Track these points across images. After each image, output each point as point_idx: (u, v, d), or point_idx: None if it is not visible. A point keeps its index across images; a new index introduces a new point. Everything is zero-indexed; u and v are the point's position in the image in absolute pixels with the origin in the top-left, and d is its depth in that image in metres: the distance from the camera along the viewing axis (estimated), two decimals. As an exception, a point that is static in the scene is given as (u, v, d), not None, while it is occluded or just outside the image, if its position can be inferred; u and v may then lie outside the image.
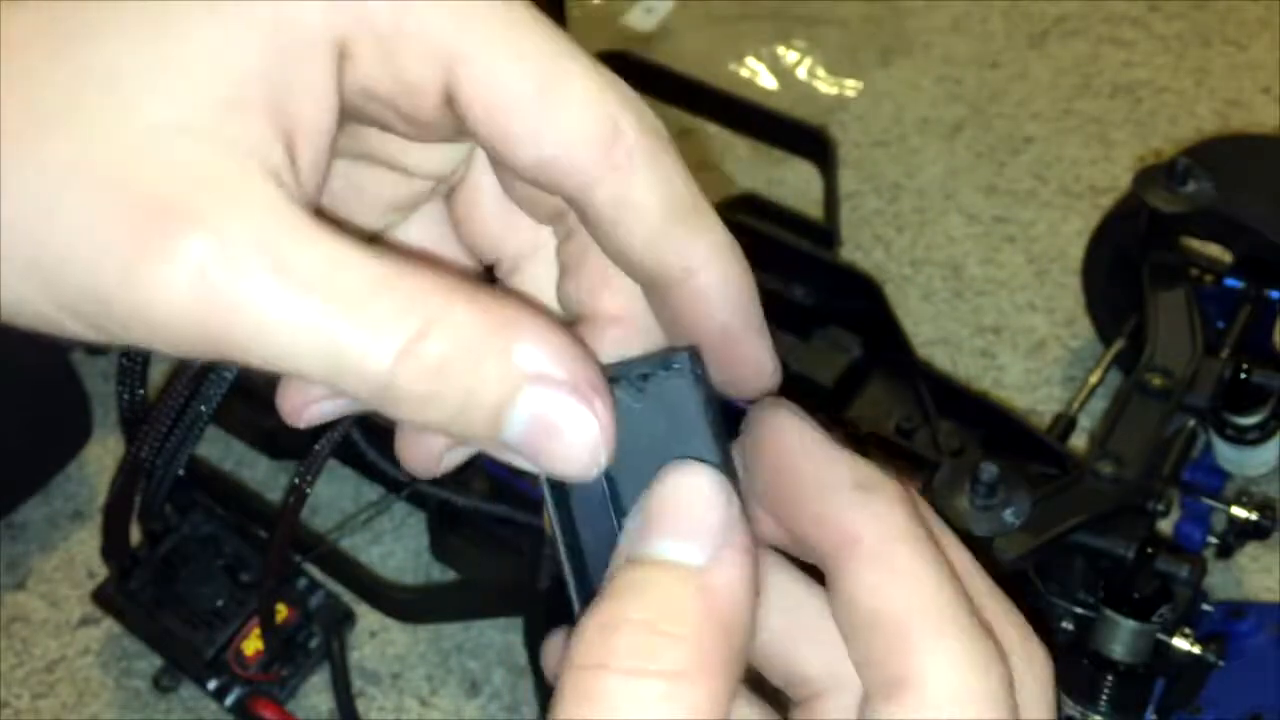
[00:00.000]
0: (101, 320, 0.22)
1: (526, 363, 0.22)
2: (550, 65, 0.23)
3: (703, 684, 0.22)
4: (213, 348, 0.22)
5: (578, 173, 0.24)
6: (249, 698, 0.83)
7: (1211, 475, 0.88)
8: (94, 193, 0.21)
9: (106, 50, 0.21)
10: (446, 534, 0.88)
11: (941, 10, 1.34)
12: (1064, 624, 0.69)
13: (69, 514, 0.98)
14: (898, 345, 0.87)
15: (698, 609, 0.22)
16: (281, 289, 0.21)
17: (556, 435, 0.22)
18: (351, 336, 0.21)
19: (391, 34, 0.22)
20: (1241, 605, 0.76)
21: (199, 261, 0.21)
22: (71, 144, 0.21)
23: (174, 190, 0.21)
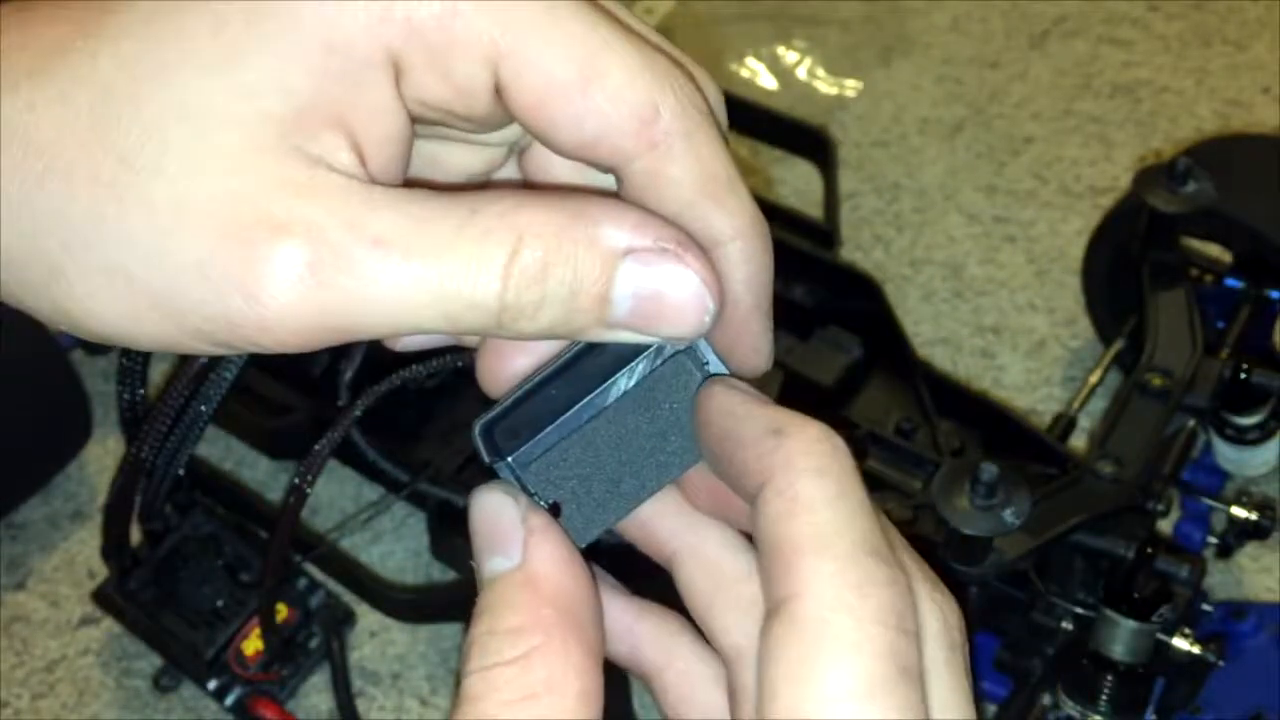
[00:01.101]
0: (231, 338, 0.23)
1: (614, 240, 0.24)
2: (590, 53, 0.24)
3: (553, 655, 0.24)
4: (337, 334, 0.23)
5: (617, 152, 0.25)
6: (249, 697, 0.83)
7: (1211, 475, 0.88)
8: (196, 227, 0.22)
9: (180, 89, 0.23)
10: (446, 534, 0.87)
11: (941, 10, 1.34)
12: (1064, 624, 0.69)
13: (69, 514, 0.98)
14: (898, 345, 0.87)
15: (526, 599, 0.25)
16: (381, 259, 0.23)
17: (662, 298, 0.24)
18: (457, 276, 0.23)
19: (440, 44, 0.24)
20: (1241, 605, 0.76)
21: (301, 262, 0.23)
22: (168, 184, 0.23)
23: (262, 207, 0.23)
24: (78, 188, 0.23)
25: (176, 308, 0.23)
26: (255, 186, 0.23)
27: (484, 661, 0.24)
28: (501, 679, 0.24)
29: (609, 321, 0.24)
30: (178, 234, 0.23)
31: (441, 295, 0.23)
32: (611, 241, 0.24)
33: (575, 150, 0.25)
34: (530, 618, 0.25)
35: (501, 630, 0.25)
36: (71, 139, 0.23)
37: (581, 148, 0.25)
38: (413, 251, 0.23)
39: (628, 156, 0.25)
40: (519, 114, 0.25)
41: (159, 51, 0.23)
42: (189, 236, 0.23)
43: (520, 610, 0.25)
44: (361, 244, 0.23)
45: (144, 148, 0.23)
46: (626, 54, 0.25)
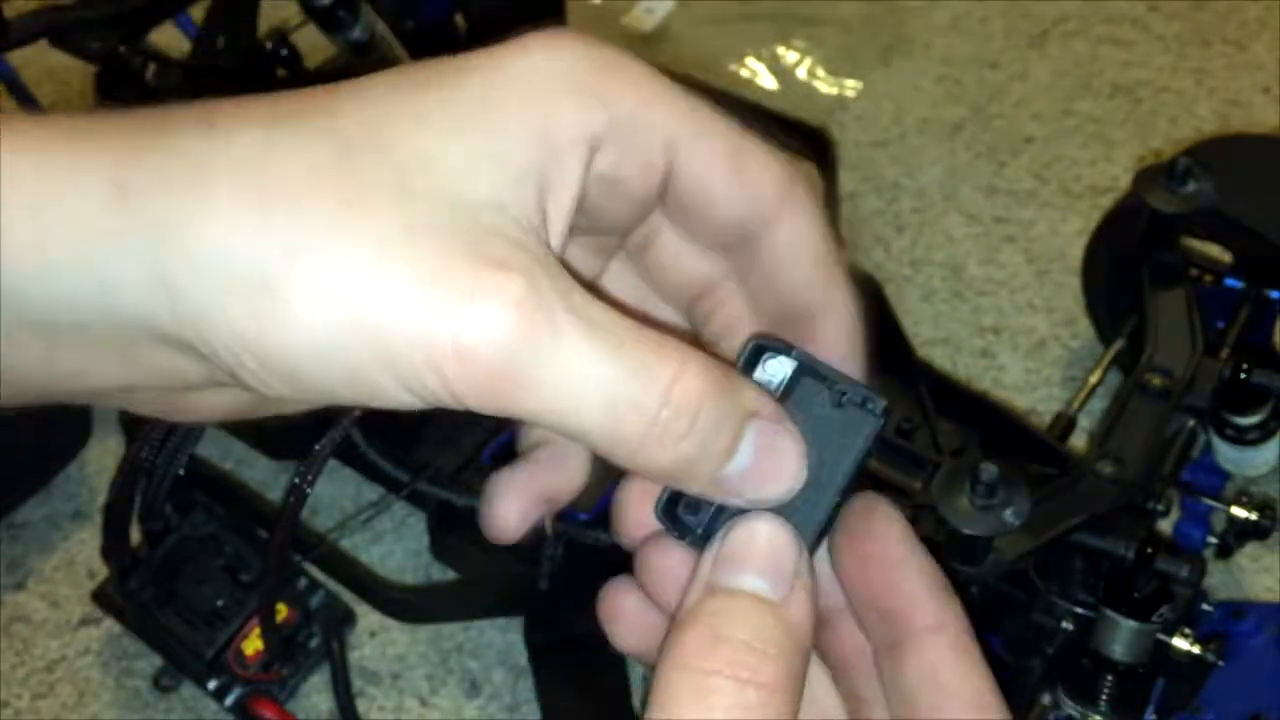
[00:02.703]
0: (421, 373, 0.24)
1: (749, 403, 0.27)
2: (738, 140, 0.30)
3: (787, 697, 0.26)
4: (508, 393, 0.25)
5: (761, 220, 0.30)
6: (249, 697, 0.83)
7: (1211, 475, 0.88)
8: (423, 252, 0.24)
9: (423, 144, 0.25)
10: (446, 534, 0.87)
11: (941, 10, 1.34)
12: (1064, 624, 0.69)
13: (69, 514, 0.98)
14: (898, 345, 0.87)
15: (783, 636, 0.27)
16: (575, 324, 0.25)
17: (774, 462, 0.27)
18: (629, 374, 0.25)
19: (631, 131, 0.28)
20: (1241, 605, 0.76)
21: (517, 296, 0.24)
22: (402, 214, 0.24)
23: (489, 248, 0.25)
24: (306, 206, 0.24)
25: (381, 329, 0.24)
26: (480, 231, 0.25)
27: (740, 672, 0.26)
28: (746, 695, 0.26)
29: (727, 471, 0.27)
30: (404, 256, 0.24)
31: (612, 387, 0.25)
32: (750, 401, 0.27)
33: (727, 220, 0.30)
34: (786, 655, 0.27)
35: (758, 650, 0.27)
36: (308, 174, 0.25)
37: (734, 217, 0.30)
38: (597, 332, 0.25)
39: (769, 224, 0.30)
40: (685, 190, 0.29)
41: (397, 117, 0.26)
42: (415, 259, 0.24)
43: (776, 645, 0.27)
44: (564, 304, 0.25)
45: (382, 182, 0.25)
46: (759, 143, 0.30)
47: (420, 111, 0.26)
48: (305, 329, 0.24)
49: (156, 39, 1.01)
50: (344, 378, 0.25)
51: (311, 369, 0.25)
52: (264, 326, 0.24)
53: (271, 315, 0.24)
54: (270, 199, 0.24)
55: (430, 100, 0.26)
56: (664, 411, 0.25)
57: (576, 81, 0.27)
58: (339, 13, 0.98)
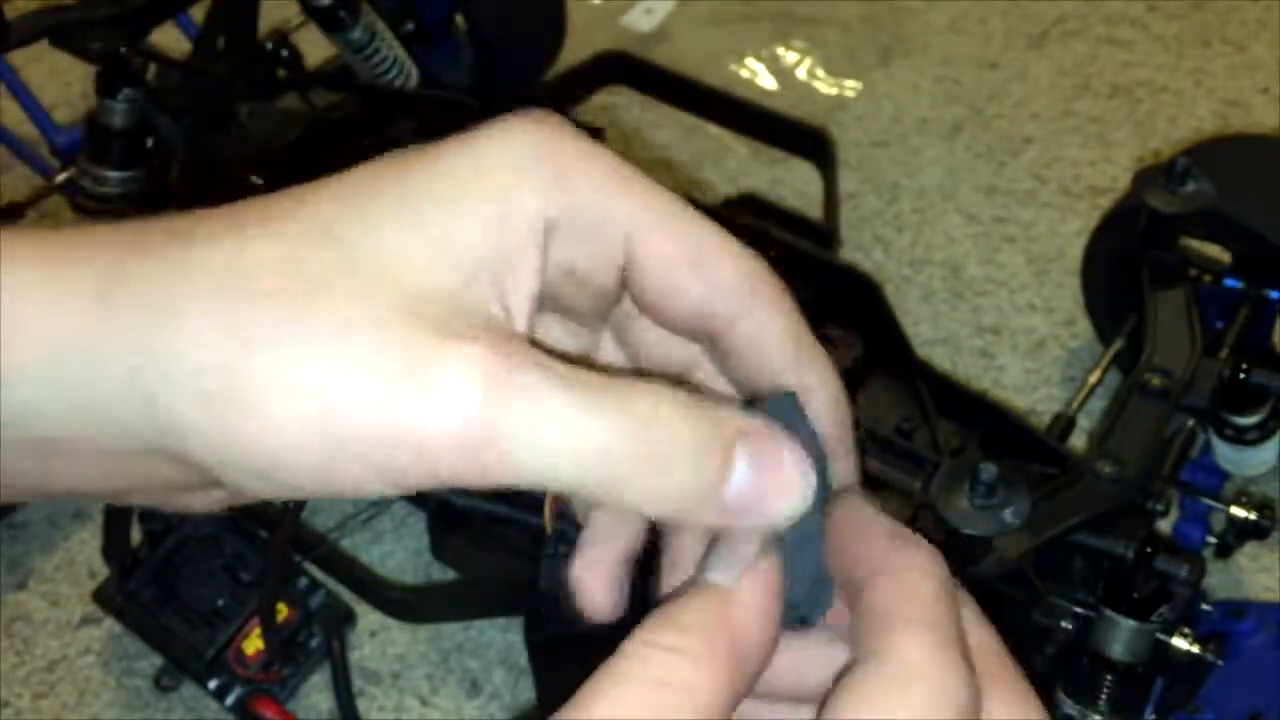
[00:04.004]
0: (391, 457, 0.25)
1: (736, 423, 0.27)
2: (698, 233, 0.29)
3: (703, 669, 0.26)
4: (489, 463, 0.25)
5: (725, 314, 0.30)
6: (250, 697, 0.83)
7: (1211, 475, 0.88)
8: (381, 339, 0.25)
9: (381, 241, 0.26)
10: (446, 534, 0.88)
11: (941, 10, 1.34)
12: (1064, 624, 0.69)
13: (70, 514, 0.98)
14: (897, 345, 0.87)
15: (714, 615, 0.27)
16: (545, 381, 0.25)
17: (777, 474, 0.27)
18: (608, 422, 0.25)
19: (589, 222, 0.28)
20: (1241, 605, 0.76)
21: (480, 363, 0.25)
22: (359, 308, 0.25)
23: (447, 325, 0.25)
24: (278, 315, 0.25)
25: (347, 417, 0.24)
26: (439, 315, 0.25)
27: (650, 636, 0.27)
28: (652, 657, 0.26)
29: (730, 492, 0.27)
30: (363, 345, 0.25)
31: (594, 433, 0.25)
32: (733, 421, 0.27)
33: (690, 314, 0.30)
34: (705, 628, 0.27)
35: (679, 623, 0.27)
36: (275, 271, 0.25)
37: (696, 312, 0.30)
38: (568, 383, 0.25)
39: (732, 319, 0.30)
40: (646, 283, 0.29)
41: (357, 216, 0.26)
42: (375, 347, 0.25)
43: (702, 617, 0.27)
44: (531, 361, 0.25)
45: (341, 278, 0.25)
46: (725, 235, 0.30)
47: (380, 208, 0.27)
48: (272, 429, 0.25)
49: (156, 39, 1.01)
50: (318, 474, 0.25)
51: (285, 469, 0.25)
52: (233, 429, 0.25)
53: (239, 416, 0.25)
54: (234, 303, 0.25)
55: (390, 197, 0.27)
56: (648, 444, 0.26)
57: (534, 172, 0.28)
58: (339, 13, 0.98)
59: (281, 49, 1.05)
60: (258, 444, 0.25)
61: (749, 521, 0.28)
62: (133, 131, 0.94)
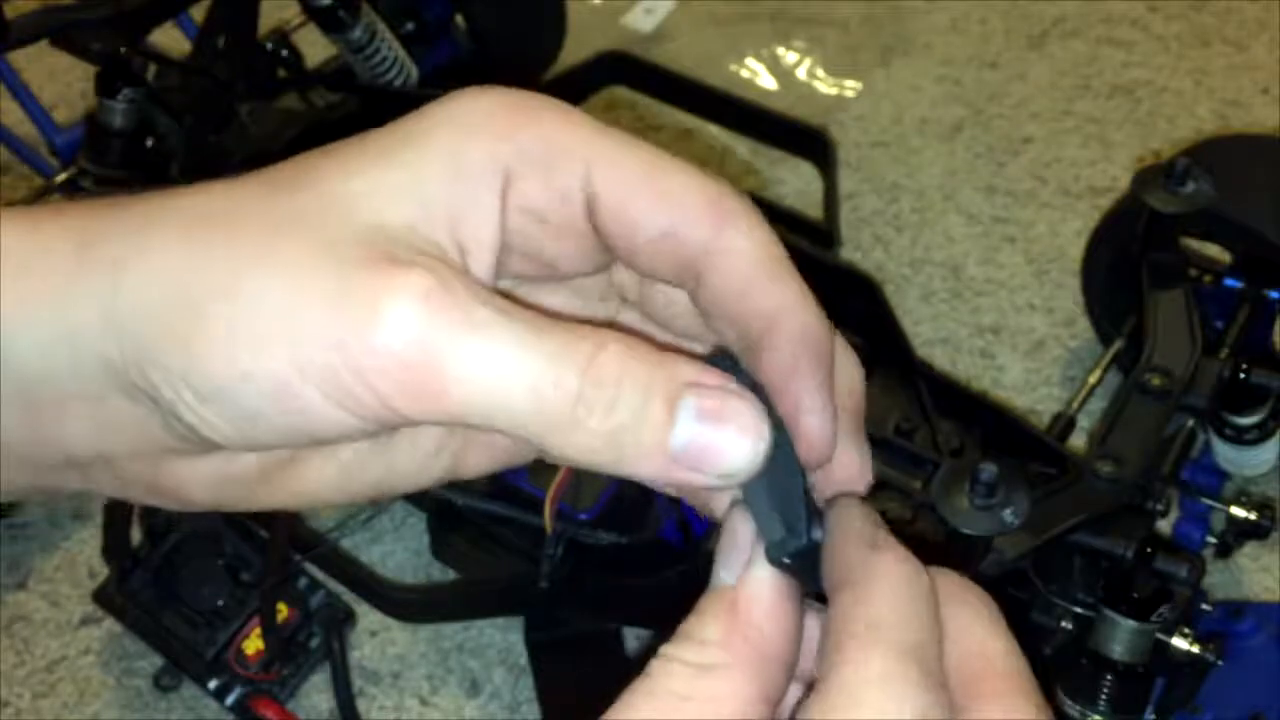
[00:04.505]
0: (346, 382, 0.25)
1: (684, 373, 0.27)
2: (657, 161, 0.29)
3: (730, 680, 0.26)
4: (429, 390, 0.25)
5: (692, 241, 0.29)
6: (250, 697, 0.83)
7: (1211, 475, 0.88)
8: (336, 265, 0.26)
9: (342, 182, 0.27)
10: (446, 534, 0.88)
11: (941, 11, 1.34)
12: (1064, 624, 0.69)
13: (70, 514, 0.98)
14: (897, 345, 0.87)
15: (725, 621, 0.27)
16: (490, 316, 0.26)
17: (725, 426, 0.26)
18: (546, 357, 0.26)
19: (543, 156, 0.28)
20: (1241, 605, 0.76)
21: (425, 289, 0.25)
22: (314, 241, 0.26)
23: (391, 253, 0.26)
24: (230, 240, 0.26)
25: (307, 345, 0.25)
26: (391, 246, 0.26)
27: (670, 651, 0.27)
28: (675, 672, 0.26)
29: (668, 446, 0.26)
30: (317, 269, 0.26)
31: (533, 371, 0.25)
32: (682, 372, 0.27)
33: (657, 246, 0.29)
34: (722, 638, 0.27)
35: (696, 636, 0.27)
36: (236, 211, 0.27)
37: (661, 241, 0.29)
38: (514, 324, 0.26)
39: (699, 240, 0.29)
40: (608, 218, 0.29)
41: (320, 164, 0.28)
42: (326, 270, 0.26)
43: (716, 628, 0.27)
44: (475, 297, 0.26)
45: (299, 215, 0.27)
46: (683, 162, 0.30)
47: (343, 157, 0.28)
48: (229, 352, 0.26)
49: (156, 39, 1.01)
50: (274, 399, 0.26)
51: (241, 393, 0.26)
52: (193, 353, 0.26)
53: (200, 341, 0.26)
54: (198, 236, 0.27)
55: (353, 149, 0.28)
56: (586, 386, 0.26)
57: (488, 120, 0.29)
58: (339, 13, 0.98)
59: (281, 49, 1.05)
60: (215, 368, 0.26)
61: (696, 477, 0.27)
62: (133, 131, 0.94)
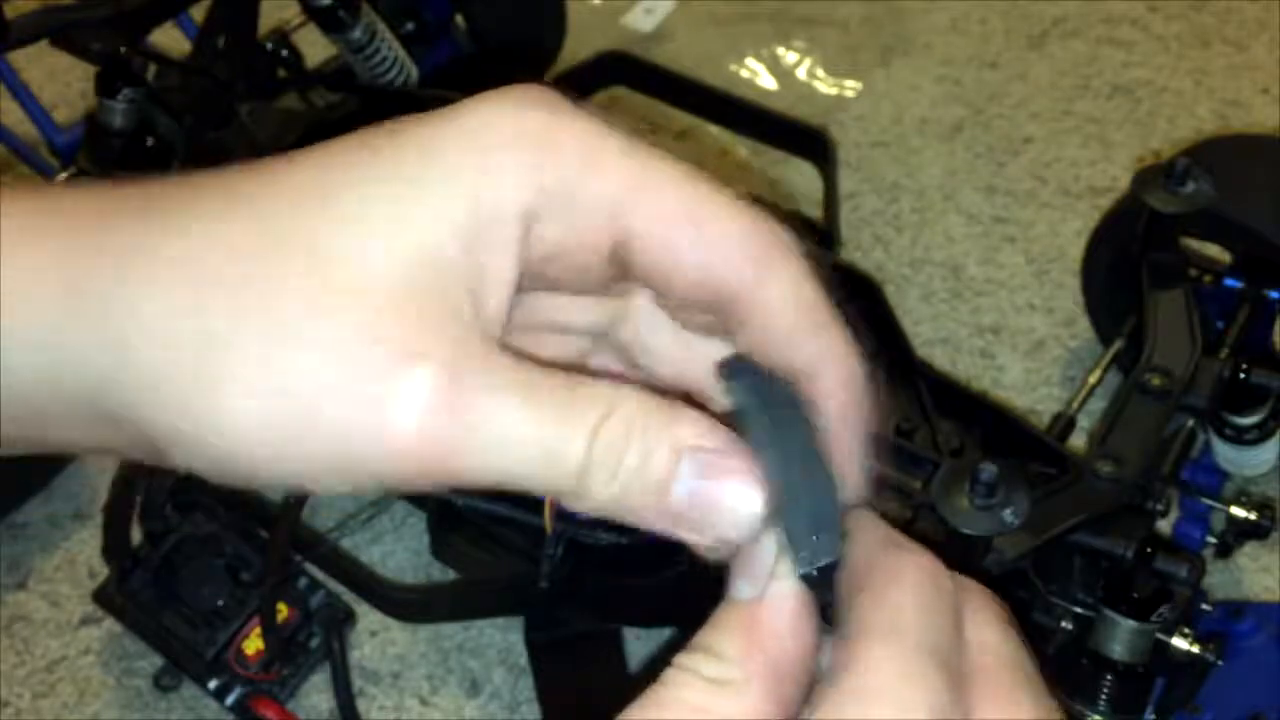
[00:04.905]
0: (355, 467, 0.26)
1: (686, 436, 0.27)
2: (704, 198, 0.28)
3: (745, 695, 0.26)
4: (448, 472, 0.26)
5: (731, 278, 0.28)
6: (250, 697, 0.83)
7: (1211, 475, 0.88)
8: (344, 353, 0.25)
9: (348, 238, 0.26)
10: (446, 534, 0.88)
11: (941, 11, 1.34)
12: (1064, 624, 0.69)
13: (70, 514, 0.98)
14: (897, 345, 0.87)
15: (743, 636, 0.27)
16: (500, 402, 0.26)
17: (719, 489, 0.27)
18: (556, 429, 0.26)
19: (569, 203, 0.27)
20: (1241, 605, 0.76)
21: (431, 387, 0.25)
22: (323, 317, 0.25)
23: (403, 335, 0.26)
24: (242, 311, 0.26)
25: (312, 426, 0.25)
26: (398, 323, 0.26)
27: (687, 663, 0.26)
28: (692, 685, 0.26)
29: (669, 507, 0.27)
30: (327, 359, 0.25)
31: (542, 441, 0.26)
32: (685, 434, 0.27)
33: (695, 285, 0.28)
34: (739, 654, 0.27)
35: (714, 650, 0.27)
36: (238, 269, 0.26)
37: (700, 280, 0.28)
38: (526, 402, 0.26)
39: (741, 283, 0.28)
40: (645, 257, 0.28)
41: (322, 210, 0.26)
42: (336, 362, 0.25)
43: (735, 642, 0.27)
44: (484, 385, 0.26)
45: (305, 287, 0.26)
46: (731, 198, 0.29)
47: (347, 200, 0.26)
48: (231, 425, 0.26)
49: (157, 39, 1.01)
50: (272, 467, 0.26)
51: (243, 459, 0.26)
52: (193, 421, 0.26)
53: (199, 414, 0.26)
54: (197, 302, 0.26)
55: (360, 185, 0.27)
56: (593, 454, 0.26)
57: (512, 149, 0.27)
58: (339, 13, 0.98)
59: (281, 49, 1.05)
60: (222, 446, 0.26)
61: (697, 539, 0.27)
62: (133, 131, 0.94)
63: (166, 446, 0.26)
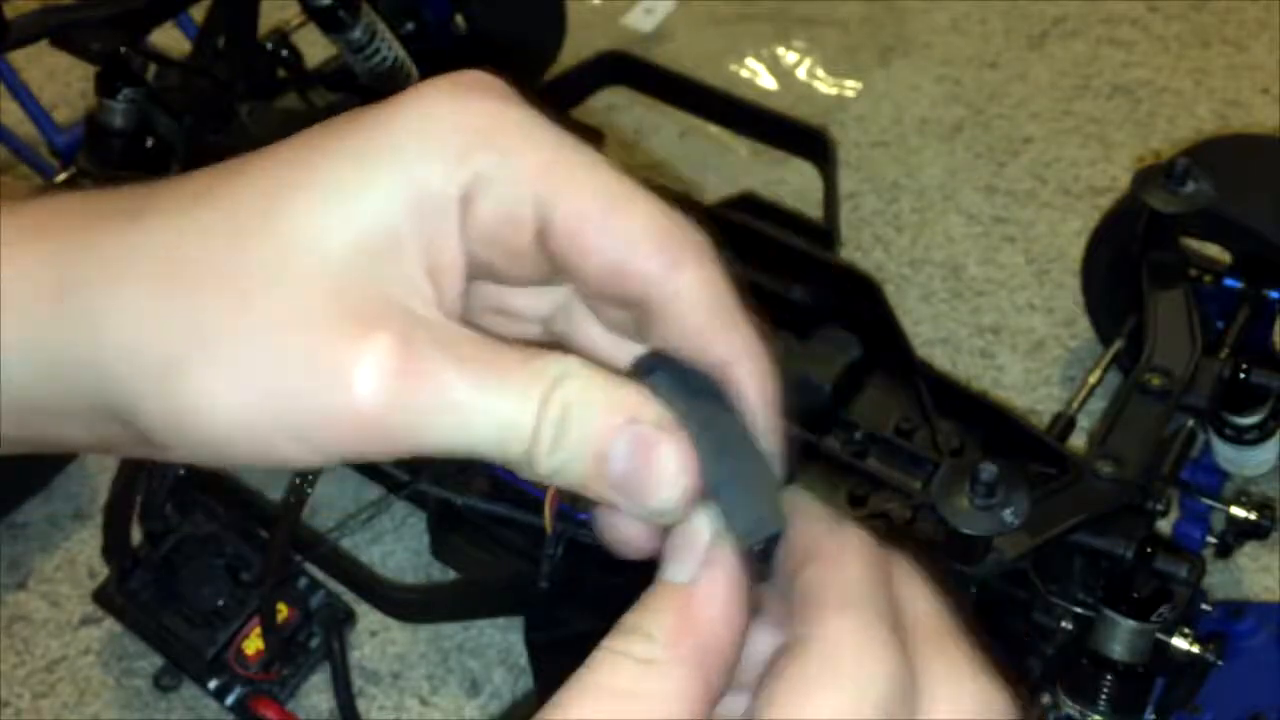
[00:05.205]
0: (323, 437, 0.27)
1: (626, 408, 0.28)
2: (617, 190, 0.29)
3: (673, 678, 0.26)
4: (409, 440, 0.27)
5: (641, 274, 0.29)
6: (250, 697, 0.83)
7: (1211, 475, 0.88)
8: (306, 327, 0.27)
9: (307, 227, 0.28)
10: (446, 534, 0.88)
11: (941, 10, 1.34)
12: (1064, 624, 0.69)
13: (70, 514, 0.98)
14: (897, 345, 0.86)
15: (674, 620, 0.27)
16: (457, 372, 0.27)
17: (651, 466, 0.28)
18: (507, 401, 0.27)
19: (500, 188, 0.29)
20: (1241, 605, 0.76)
21: (390, 354, 0.27)
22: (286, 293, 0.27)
23: (360, 309, 0.27)
24: (205, 294, 0.27)
25: (281, 401, 0.27)
26: (355, 298, 0.27)
27: (616, 645, 0.27)
28: (621, 667, 0.27)
29: (607, 477, 0.28)
30: (291, 334, 0.27)
31: (495, 413, 0.27)
32: (625, 407, 0.28)
33: (606, 275, 0.29)
34: (671, 635, 0.27)
35: (643, 631, 0.27)
36: (208, 256, 0.28)
37: (611, 271, 0.29)
38: (480, 370, 0.27)
39: (649, 278, 0.29)
40: (559, 243, 0.29)
41: (285, 202, 0.28)
42: (300, 335, 0.27)
43: (664, 624, 0.27)
44: (440, 354, 0.27)
45: (268, 267, 0.27)
46: (648, 194, 0.30)
47: (308, 188, 0.28)
48: (214, 414, 0.27)
49: (157, 39, 1.01)
50: (254, 449, 0.28)
51: (225, 444, 0.28)
52: (179, 412, 0.27)
53: (178, 397, 0.27)
54: (173, 289, 0.28)
55: (317, 172, 0.29)
56: (540, 426, 0.27)
57: (451, 134, 0.29)
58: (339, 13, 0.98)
59: (281, 49, 1.05)
60: (202, 426, 0.28)
61: (636, 501, 0.28)
62: (133, 131, 0.94)
63: (152, 435, 0.28)
